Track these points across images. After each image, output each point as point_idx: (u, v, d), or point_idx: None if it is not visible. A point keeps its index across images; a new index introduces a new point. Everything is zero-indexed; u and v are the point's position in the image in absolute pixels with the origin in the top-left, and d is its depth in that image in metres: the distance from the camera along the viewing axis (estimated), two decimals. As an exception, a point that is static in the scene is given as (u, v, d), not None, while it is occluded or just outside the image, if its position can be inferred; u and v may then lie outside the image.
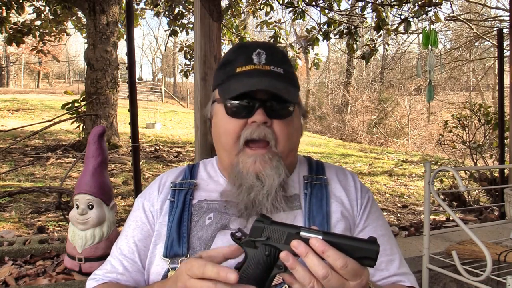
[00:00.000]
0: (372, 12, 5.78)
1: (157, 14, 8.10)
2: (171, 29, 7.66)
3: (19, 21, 7.90)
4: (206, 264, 0.68)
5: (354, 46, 6.24)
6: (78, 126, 6.87)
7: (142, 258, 0.99)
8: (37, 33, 8.39)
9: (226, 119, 0.96)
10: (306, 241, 0.68)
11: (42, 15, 8.46)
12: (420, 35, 7.14)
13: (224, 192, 0.98)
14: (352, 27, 6.09)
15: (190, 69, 8.18)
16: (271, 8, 6.98)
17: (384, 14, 5.55)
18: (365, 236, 0.99)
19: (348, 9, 6.57)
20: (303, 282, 0.66)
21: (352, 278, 0.66)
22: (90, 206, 1.67)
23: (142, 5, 8.62)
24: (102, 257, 1.66)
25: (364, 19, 6.61)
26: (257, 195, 0.91)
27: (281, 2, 6.04)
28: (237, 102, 0.94)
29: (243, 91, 0.90)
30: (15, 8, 6.95)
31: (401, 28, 5.67)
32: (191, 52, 8.28)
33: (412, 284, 0.99)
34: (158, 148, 8.88)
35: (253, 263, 0.71)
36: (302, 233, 0.69)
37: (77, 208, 1.67)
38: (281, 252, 0.68)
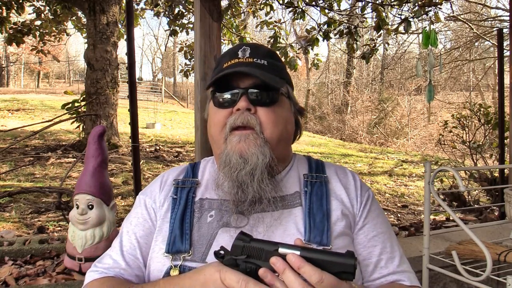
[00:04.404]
0: (372, 12, 5.78)
1: (157, 14, 8.10)
2: (171, 29, 7.66)
3: (19, 21, 7.91)
4: (248, 281, 0.70)
5: (354, 46, 6.24)
6: (78, 126, 6.87)
7: (144, 255, 1.00)
8: (37, 33, 8.40)
9: (215, 110, 1.00)
10: (284, 257, 0.70)
11: (42, 15, 8.46)
12: (420, 35, 7.14)
13: (217, 182, 0.98)
14: (352, 27, 6.09)
15: (190, 69, 8.19)
16: (271, 8, 6.99)
17: (384, 14, 5.55)
18: (364, 234, 1.01)
19: (348, 9, 6.56)
20: None
21: None
22: (90, 206, 1.67)
23: (142, 5, 8.63)
24: (102, 257, 1.66)
25: (364, 19, 6.60)
26: (240, 173, 0.91)
27: (281, 2, 6.03)
28: (223, 93, 0.98)
29: (220, 75, 0.94)
30: (15, 8, 6.96)
31: (401, 28, 5.67)
32: (191, 52, 8.28)
33: (412, 282, 0.99)
34: (158, 148, 8.87)
35: None
36: (280, 249, 0.71)
37: (77, 208, 1.67)
38: (260, 268, 0.71)
